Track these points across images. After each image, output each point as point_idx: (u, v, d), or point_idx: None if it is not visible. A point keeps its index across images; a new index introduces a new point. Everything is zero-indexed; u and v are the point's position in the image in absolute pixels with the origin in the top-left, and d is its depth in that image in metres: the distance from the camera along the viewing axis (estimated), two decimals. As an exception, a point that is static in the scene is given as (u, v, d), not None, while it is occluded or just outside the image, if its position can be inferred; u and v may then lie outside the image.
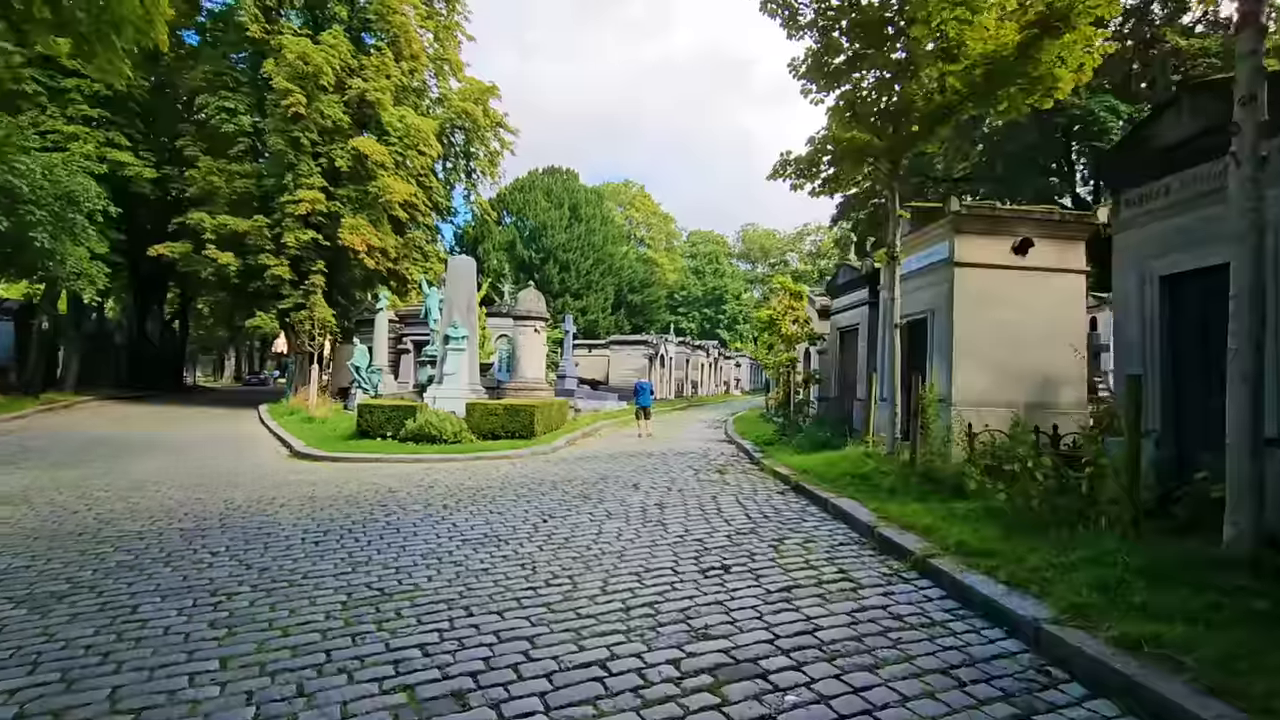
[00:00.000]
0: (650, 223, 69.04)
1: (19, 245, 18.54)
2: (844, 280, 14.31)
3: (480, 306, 21.76)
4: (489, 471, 10.74)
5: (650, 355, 32.85)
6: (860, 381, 13.42)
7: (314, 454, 12.83)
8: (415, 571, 5.16)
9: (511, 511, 7.41)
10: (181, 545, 5.87)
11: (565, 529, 6.63)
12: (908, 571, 5.32)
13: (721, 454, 13.20)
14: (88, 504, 7.64)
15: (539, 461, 12.18)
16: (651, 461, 11.93)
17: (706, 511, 7.49)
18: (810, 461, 10.11)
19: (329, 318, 24.12)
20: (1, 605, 4.35)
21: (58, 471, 10.15)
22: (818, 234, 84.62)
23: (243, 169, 26.10)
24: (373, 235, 25.95)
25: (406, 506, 7.64)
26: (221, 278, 25.70)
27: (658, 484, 9.30)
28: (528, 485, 9.21)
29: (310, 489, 8.83)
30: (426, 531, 6.47)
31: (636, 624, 4.12)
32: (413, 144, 27.56)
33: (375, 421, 15.11)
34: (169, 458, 12.06)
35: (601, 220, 42.57)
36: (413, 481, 9.52)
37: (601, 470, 10.75)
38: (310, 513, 7.27)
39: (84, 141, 24.00)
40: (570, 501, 8.01)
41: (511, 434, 15.43)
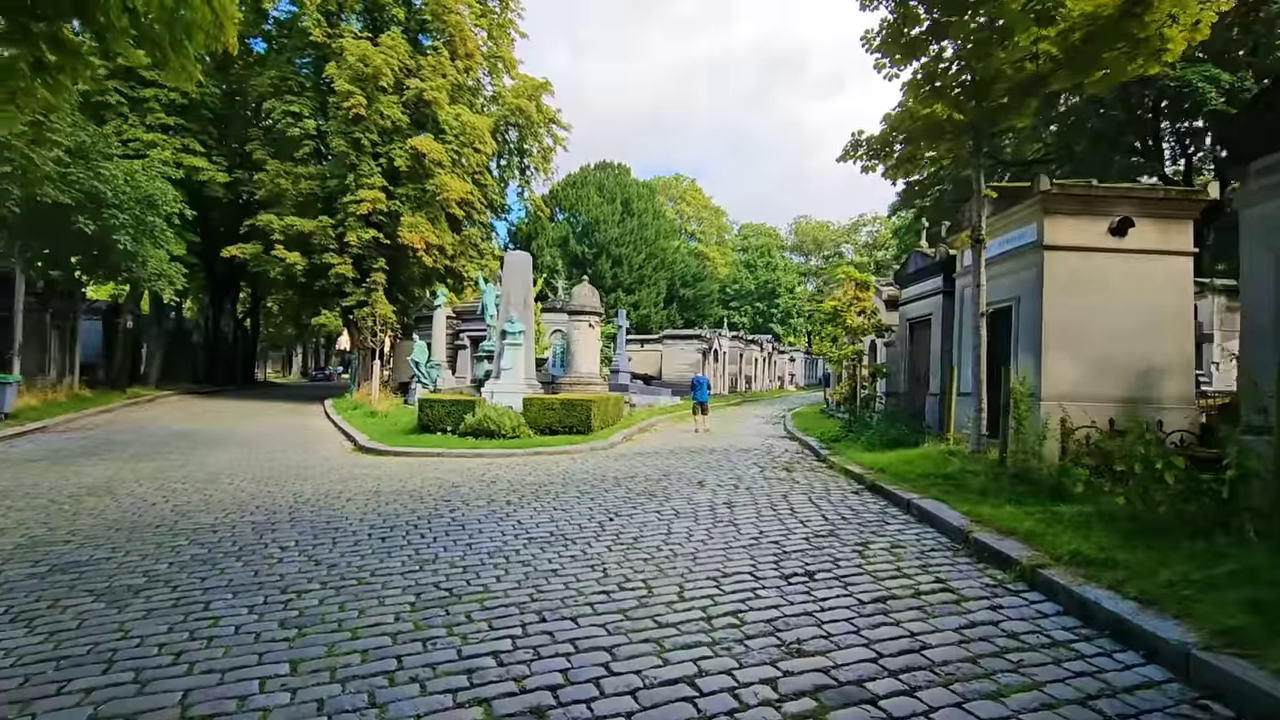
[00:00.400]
0: (701, 216, 68.30)
1: (104, 248, 19.53)
2: (915, 269, 13.58)
3: (535, 302, 21.79)
4: (549, 467, 10.60)
5: (703, 350, 32.38)
6: (934, 375, 12.72)
7: (377, 448, 12.98)
8: (483, 571, 4.98)
9: (576, 509, 7.19)
10: (253, 539, 5.87)
11: (633, 528, 6.36)
12: (1013, 582, 4.82)
13: (785, 451, 12.72)
14: (165, 496, 7.81)
15: (598, 457, 11.98)
16: (714, 458, 11.56)
17: (779, 511, 7.10)
18: (884, 459, 9.56)
19: (390, 314, 24.64)
20: (82, 598, 4.37)
21: (139, 463, 10.52)
22: (874, 225, 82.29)
23: (308, 171, 26.90)
24: (430, 233, 26.36)
25: (470, 502, 7.52)
26: (289, 277, 26.58)
27: (723, 481, 8.95)
28: (590, 482, 9.00)
29: (375, 483, 8.84)
30: (491, 529, 6.30)
31: (721, 636, 3.80)
32: (468, 142, 27.85)
33: (435, 416, 15.23)
34: (241, 451, 12.40)
35: (654, 214, 42.20)
36: (475, 477, 9.44)
37: (663, 467, 10.46)
38: (376, 507, 7.23)
39: (161, 148, 25.16)
40: (635, 499, 7.74)
41: (569, 429, 15.32)
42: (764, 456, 11.83)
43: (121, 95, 25.24)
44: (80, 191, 17.18)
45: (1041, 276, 9.59)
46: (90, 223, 17.55)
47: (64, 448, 12.44)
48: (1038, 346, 9.57)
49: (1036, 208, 9.72)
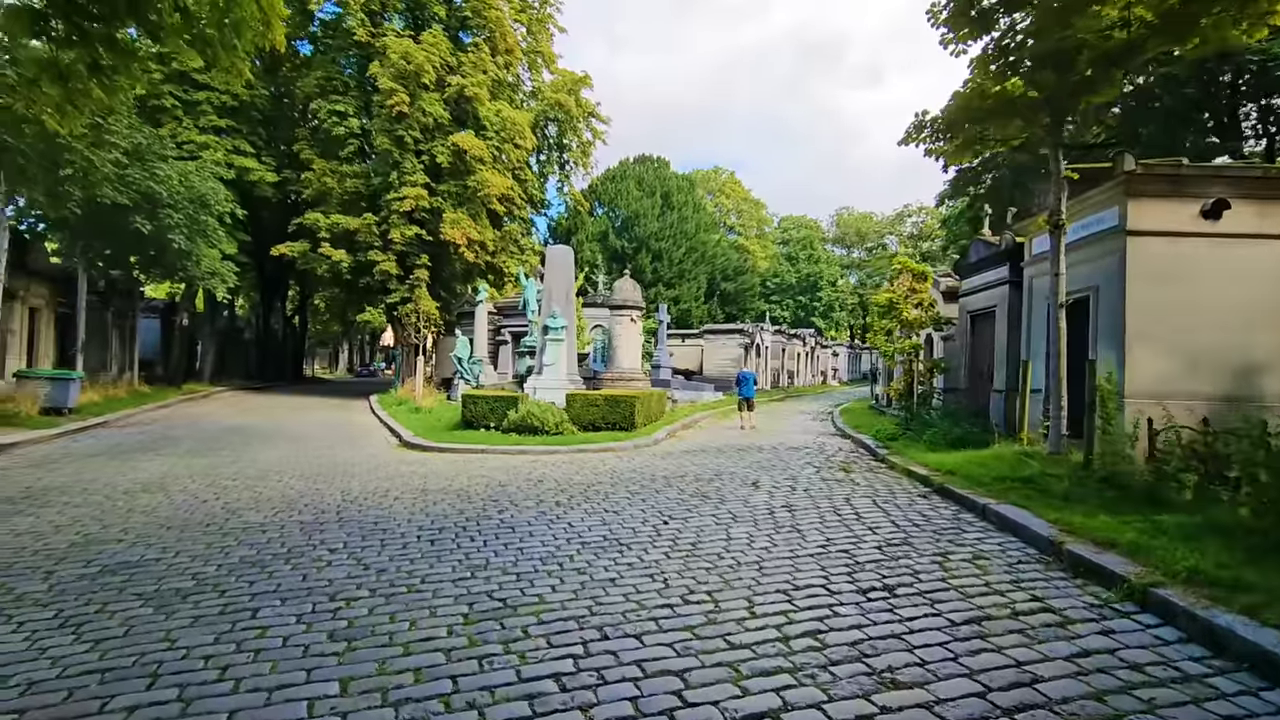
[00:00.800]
0: (741, 209, 67.34)
1: (161, 247, 20.07)
2: (977, 258, 12.86)
3: (576, 297, 21.59)
4: (595, 465, 10.34)
5: (745, 345, 31.79)
6: (999, 370, 12.02)
7: (422, 444, 12.93)
8: (537, 580, 4.71)
9: (628, 511, 6.89)
10: (301, 540, 5.73)
11: (689, 533, 6.02)
12: (1121, 602, 4.32)
13: (839, 449, 12.21)
14: (216, 493, 7.80)
15: (644, 455, 11.67)
16: (764, 457, 11.14)
17: (844, 516, 6.67)
18: (950, 460, 9.01)
19: (433, 310, 24.80)
20: (130, 602, 4.25)
21: (192, 459, 10.64)
22: (919, 215, 79.96)
23: (352, 170, 27.24)
24: (472, 229, 26.43)
25: (518, 503, 7.29)
26: (335, 274, 26.99)
27: (779, 482, 8.54)
28: (638, 481, 8.70)
29: (422, 481, 8.71)
30: (542, 532, 6.05)
31: (803, 660, 3.44)
32: (509, 137, 27.82)
33: (479, 412, 15.16)
34: (291, 447, 12.48)
35: (694, 207, 41.60)
36: (521, 475, 9.23)
37: (713, 466, 10.09)
38: (423, 507, 7.06)
39: (214, 149, 25.78)
40: (688, 501, 7.41)
41: (612, 425, 15.08)
42: (817, 455, 11.36)
43: (176, 99, 25.93)
44: (137, 192, 17.63)
45: (1123, 264, 8.89)
46: (147, 223, 18.01)
47: (123, 443, 12.72)
48: (1119, 340, 8.88)
49: (1118, 190, 9.01)
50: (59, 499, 7.35)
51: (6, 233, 15.14)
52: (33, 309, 19.97)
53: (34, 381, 15.88)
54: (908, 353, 13.29)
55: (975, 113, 8.66)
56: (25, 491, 7.74)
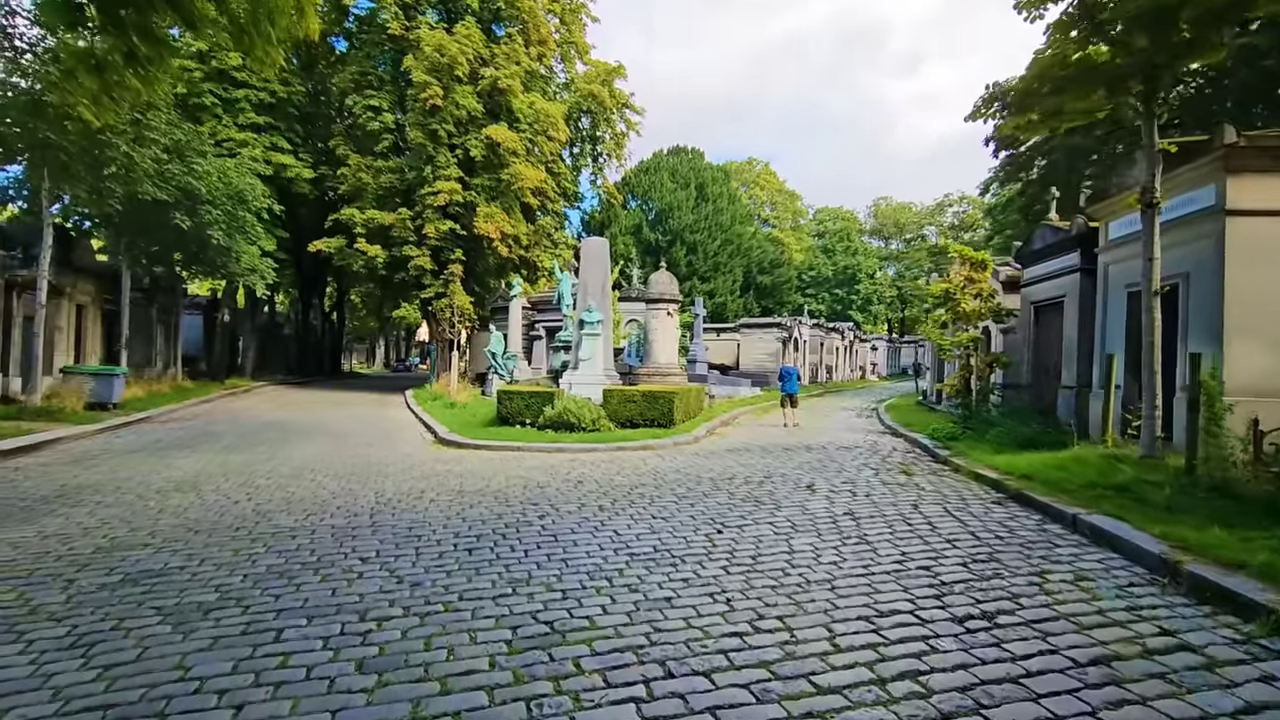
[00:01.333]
0: (775, 201, 66.10)
1: (201, 244, 20.23)
2: (1043, 244, 11.99)
3: (611, 290, 21.11)
4: (636, 465, 9.87)
5: (783, 339, 30.97)
6: (1068, 364, 11.18)
7: (457, 441, 12.64)
8: (585, 599, 4.24)
9: (677, 518, 6.40)
10: (332, 547, 5.37)
11: (747, 544, 5.50)
12: (1269, 638, 3.67)
13: (894, 449, 11.52)
14: (249, 493, 7.54)
15: (685, 454, 11.16)
16: (814, 457, 10.54)
17: (915, 526, 6.07)
18: (1023, 463, 8.29)
19: (467, 305, 24.62)
20: (148, 619, 3.91)
21: (229, 456, 10.49)
22: (961, 205, 77.52)
23: (387, 165, 27.21)
24: (506, 223, 26.18)
25: (559, 507, 6.85)
26: (370, 270, 27.03)
27: (836, 486, 7.95)
28: (684, 483, 8.19)
29: (458, 481, 8.35)
30: (586, 540, 5.59)
31: (909, 713, 2.89)
32: (542, 129, 27.47)
33: (514, 408, 14.83)
34: (326, 443, 12.30)
35: (729, 199, 40.74)
36: (559, 475, 8.81)
37: (761, 466, 9.53)
38: (460, 511, 6.67)
39: (252, 146, 25.99)
40: (740, 506, 6.88)
41: (650, 422, 14.62)
42: (871, 455, 10.70)
43: (216, 97, 26.21)
44: (177, 188, 17.72)
45: (1221, 247, 8.04)
46: (186, 219, 18.11)
47: (163, 438, 12.71)
48: (1215, 332, 8.05)
49: (1215, 166, 8.16)
50: (91, 498, 7.17)
51: (51, 229, 15.31)
52: (79, 306, 20.31)
53: (79, 377, 16.09)
54: (965, 346, 12.49)
55: (1054, 82, 7.90)
56: (59, 490, 7.59)
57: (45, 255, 15.00)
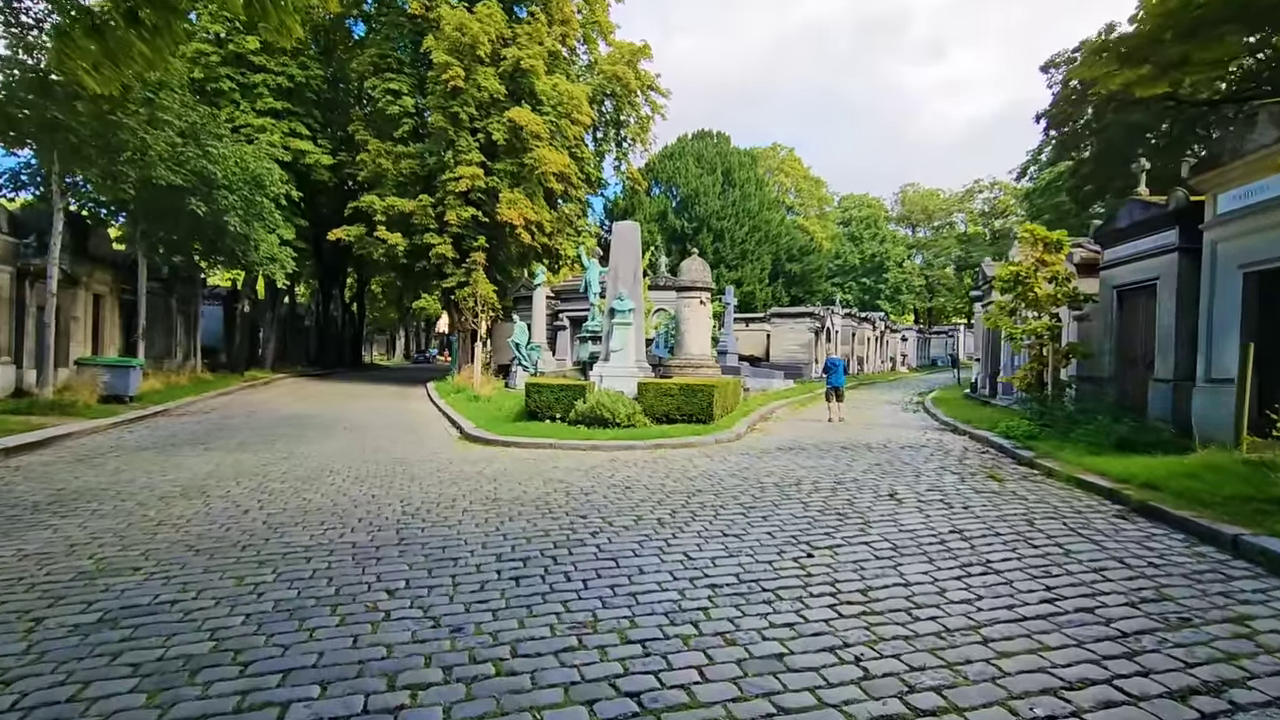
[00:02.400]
0: (800, 188, 64.46)
1: (218, 231, 19.59)
2: (1130, 222, 10.79)
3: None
4: (683, 465, 8.94)
5: (815, 329, 29.80)
6: (1163, 355, 10.03)
7: (485, 437, 11.82)
8: (673, 655, 3.32)
9: (752, 534, 5.46)
10: (353, 574, 4.52)
11: (848, 572, 4.55)
12: None
13: (964, 449, 10.47)
14: (260, 501, 6.73)
15: (734, 454, 10.21)
16: (879, 458, 9.53)
17: (1044, 550, 5.07)
18: (1136, 468, 7.23)
19: (490, 294, 23.79)
20: (119, 683, 3.06)
21: (243, 454, 9.74)
22: (992, 190, 75.27)
23: (407, 150, 26.43)
24: (529, 209, 25.30)
25: (611, 519, 5.95)
26: (391, 258, 26.32)
27: (923, 495, 6.95)
28: (745, 490, 7.25)
29: (492, 486, 7.48)
30: (654, 566, 4.68)
31: None
32: (566, 112, 26.51)
33: (543, 402, 13.96)
34: (347, 439, 11.54)
35: (756, 184, 39.37)
36: (603, 480, 7.91)
37: (825, 469, 8.56)
38: (498, 525, 5.79)
39: (270, 132, 25.33)
40: (820, 520, 5.92)
41: (688, 417, 13.70)
42: (943, 456, 9.67)
43: (233, 82, 25.56)
44: (192, 173, 17.04)
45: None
46: (202, 204, 17.42)
47: (176, 434, 12.03)
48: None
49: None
50: (87, 506, 6.40)
51: (62, 215, 14.70)
52: (96, 296, 19.81)
53: (93, 369, 15.52)
54: (1041, 335, 11.35)
55: (1182, 26, 6.77)
56: (55, 496, 6.84)
57: (56, 242, 14.39)
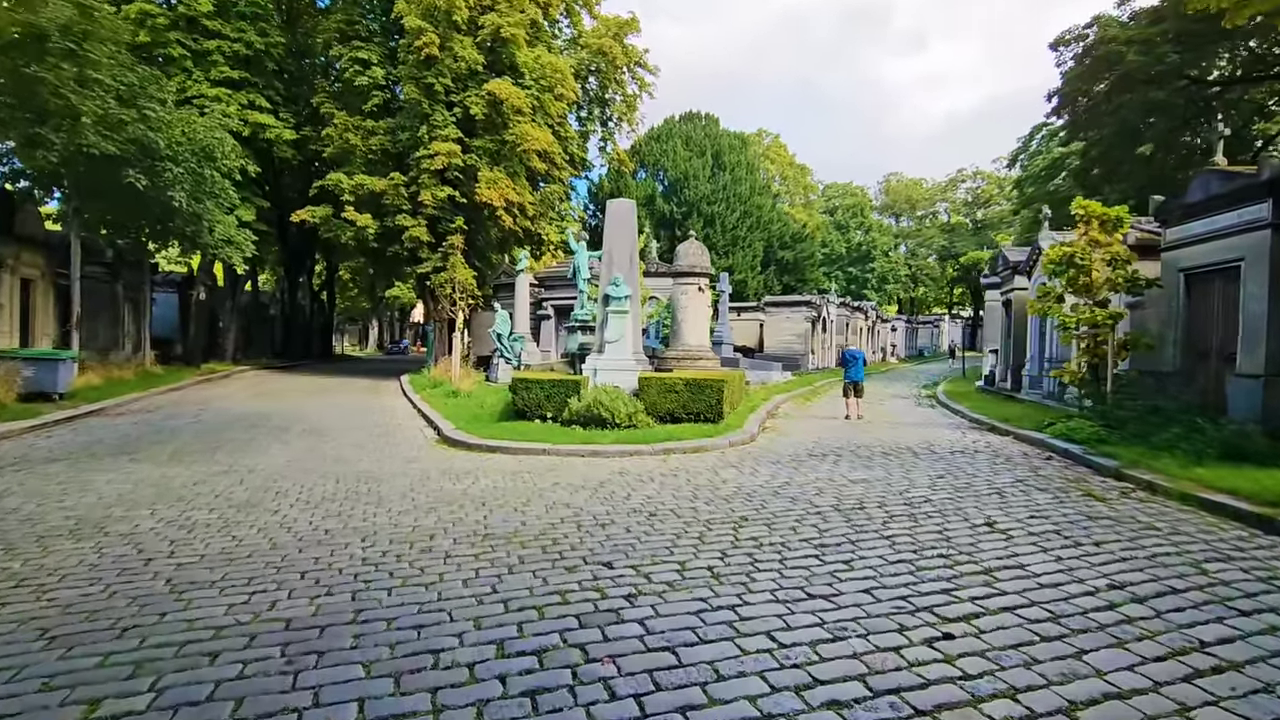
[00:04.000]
0: (786, 175, 63.12)
1: (166, 210, 17.55)
2: (1206, 194, 9.52)
3: (638, 262, 18.57)
4: (707, 479, 7.47)
5: (812, 318, 28.51)
6: (1249, 347, 8.78)
7: (467, 441, 10.24)
8: None
9: (843, 594, 3.99)
10: (276, 690, 2.94)
11: (1018, 668, 3.10)
12: None
13: (1022, 454, 9.14)
14: (174, 542, 5.09)
15: (758, 460, 8.76)
16: (932, 466, 8.16)
17: (1257, 617, 3.68)
18: (1269, 481, 5.92)
19: (470, 280, 22.00)
20: None
21: (174, 468, 8.03)
22: (975, 180, 74.90)
23: (378, 125, 24.41)
24: (510, 190, 23.50)
25: (647, 570, 4.43)
26: (360, 242, 24.35)
27: (1028, 525, 5.55)
28: (799, 515, 5.80)
29: (480, 514, 5.92)
30: (732, 660, 3.17)
31: None
32: (549, 86, 24.69)
33: (532, 400, 12.39)
34: (305, 445, 9.87)
35: (747, 168, 37.72)
36: (618, 502, 6.39)
37: (878, 483, 7.14)
38: (494, 582, 4.24)
39: (226, 104, 23.17)
40: (926, 566, 4.48)
41: (695, 415, 12.28)
42: (1006, 465, 8.33)
43: (184, 48, 23.32)
44: (129, 141, 15.03)
45: None
46: (141, 177, 15.40)
47: (103, 440, 10.23)
48: None
49: None
50: (-71, 553, 4.72)
51: (-29, 186, 12.70)
52: (25, 280, 17.68)
53: (11, 363, 13.51)
54: (1097, 325, 10.07)
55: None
56: (-106, 535, 5.14)
57: (-38, 216, 12.38)
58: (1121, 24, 21.30)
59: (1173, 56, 18.79)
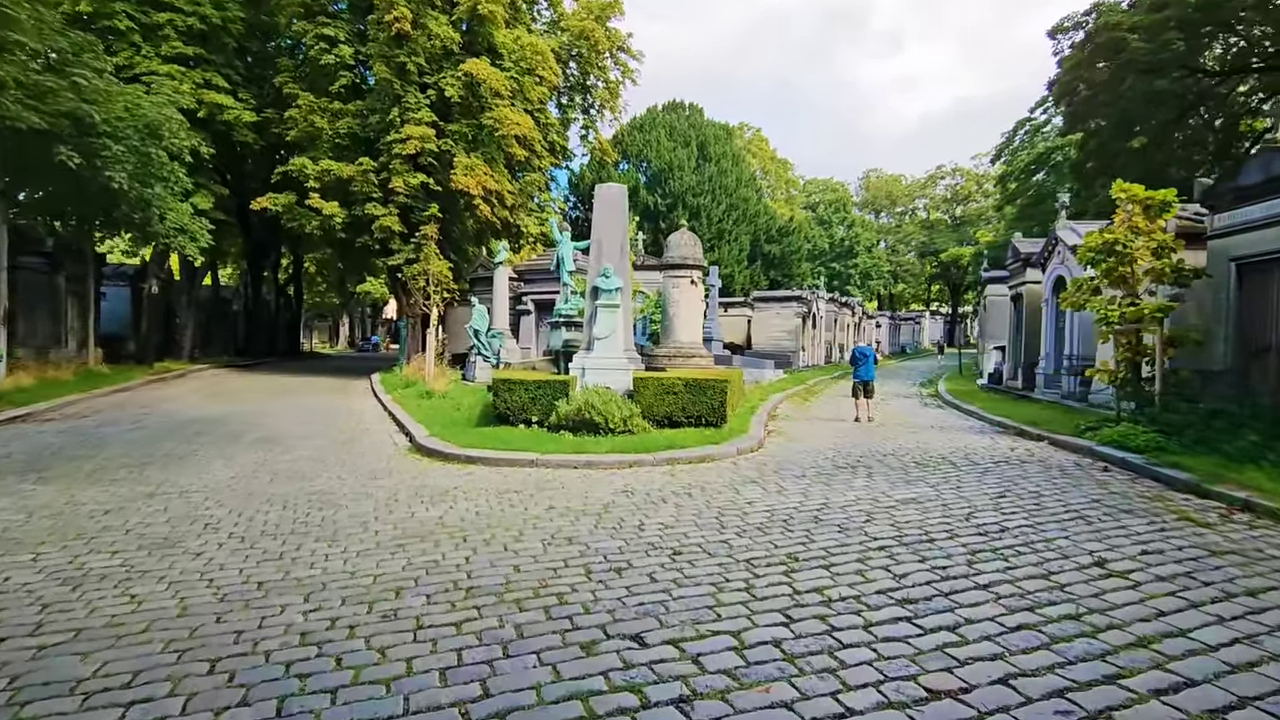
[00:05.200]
0: (767, 169, 62.36)
1: (109, 194, 15.86)
2: (1266, 175, 8.63)
3: (628, 252, 17.36)
4: (727, 497, 6.35)
5: (803, 314, 27.57)
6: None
7: (443, 450, 9.00)
8: None
9: (961, 675, 2.88)
10: None
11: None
12: None
13: (1071, 463, 8.17)
14: (48, 606, 3.80)
15: (775, 472, 7.67)
16: (980, 480, 7.14)
17: None
18: None
19: (444, 271, 20.57)
20: None
21: (88, 490, 6.67)
22: (954, 177, 74.93)
23: (346, 108, 22.82)
24: (488, 177, 22.13)
25: (684, 642, 3.28)
26: (327, 231, 22.76)
27: (1146, 563, 4.50)
28: (858, 553, 4.69)
29: (461, 552, 4.72)
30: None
31: None
32: (529, 67, 23.34)
33: (516, 403, 11.16)
34: (255, 457, 8.53)
35: (733, 159, 36.59)
36: (630, 533, 5.23)
37: (931, 504, 6.09)
38: (483, 670, 3.05)
39: (179, 81, 21.38)
40: (1053, 629, 3.39)
41: (695, 419, 11.19)
42: (1059, 476, 7.35)
43: (131, 20, 21.47)
44: (60, 114, 13.40)
45: None
46: (74, 155, 13.77)
47: (13, 453, 8.77)
48: None
49: None
50: None
51: None
52: (-53, 271, 15.90)
53: (-82, 363, 11.89)
54: (1144, 318, 9.15)
55: None
56: None
57: None
58: (1123, 10, 20.68)
59: (1178, 43, 18.13)
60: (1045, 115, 43.18)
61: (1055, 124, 42.91)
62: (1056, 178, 40.05)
